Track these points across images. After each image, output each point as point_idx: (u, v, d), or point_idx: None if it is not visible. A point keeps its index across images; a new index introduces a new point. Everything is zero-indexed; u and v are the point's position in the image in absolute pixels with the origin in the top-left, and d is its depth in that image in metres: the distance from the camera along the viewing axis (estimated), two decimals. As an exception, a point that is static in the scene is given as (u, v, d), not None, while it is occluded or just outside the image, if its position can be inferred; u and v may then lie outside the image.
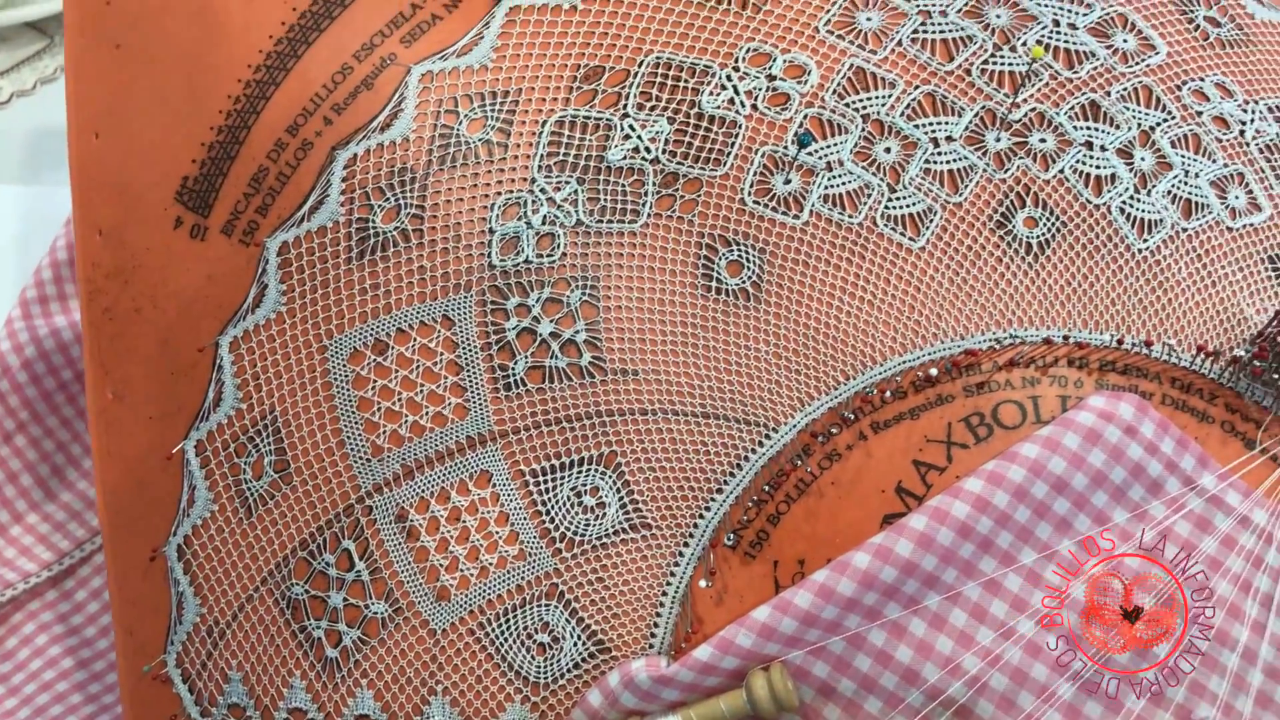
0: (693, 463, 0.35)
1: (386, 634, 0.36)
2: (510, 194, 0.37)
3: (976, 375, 0.35)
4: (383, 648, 0.36)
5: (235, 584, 0.38)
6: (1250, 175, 0.39)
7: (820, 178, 0.36)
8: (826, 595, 0.32)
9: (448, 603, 0.36)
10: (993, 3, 0.39)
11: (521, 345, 0.36)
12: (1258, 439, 0.35)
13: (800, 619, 0.32)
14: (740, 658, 0.32)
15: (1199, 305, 0.36)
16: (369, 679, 0.36)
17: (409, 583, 0.36)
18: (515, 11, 0.38)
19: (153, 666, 0.38)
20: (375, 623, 0.36)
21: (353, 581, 0.37)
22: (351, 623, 0.36)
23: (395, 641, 0.36)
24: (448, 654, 0.36)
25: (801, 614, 0.32)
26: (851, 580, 0.32)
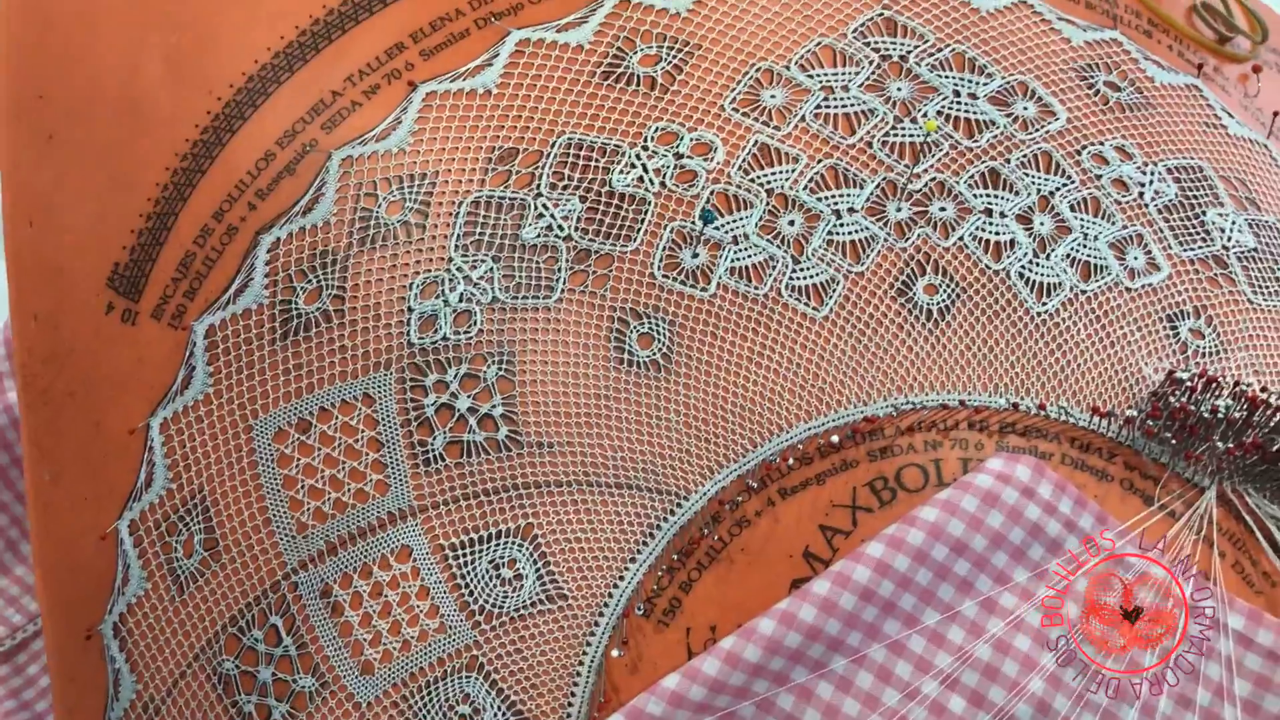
0: (607, 533, 0.36)
1: (314, 708, 0.37)
2: (428, 273, 0.38)
3: (880, 440, 0.36)
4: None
5: (169, 661, 0.38)
6: (1149, 236, 0.40)
7: (727, 251, 0.37)
8: (733, 662, 0.33)
9: (372, 676, 0.36)
10: (894, 76, 0.40)
11: (440, 421, 0.37)
12: (1156, 495, 0.36)
13: (708, 686, 0.33)
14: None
15: (1098, 365, 0.37)
16: (297, 753, 0.37)
17: (334, 657, 0.37)
18: (431, 97, 0.39)
19: (90, 745, 0.39)
20: (303, 696, 0.37)
21: (281, 657, 0.37)
22: (280, 697, 0.37)
23: (323, 715, 0.37)
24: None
25: (709, 680, 0.33)
26: (757, 646, 0.33)
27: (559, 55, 0.40)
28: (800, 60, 0.40)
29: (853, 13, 0.41)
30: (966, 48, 0.41)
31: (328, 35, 0.41)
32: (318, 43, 0.41)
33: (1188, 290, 0.39)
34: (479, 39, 0.40)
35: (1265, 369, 0.39)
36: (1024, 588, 0.34)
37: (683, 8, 0.40)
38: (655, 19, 0.40)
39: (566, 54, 0.40)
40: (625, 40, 0.40)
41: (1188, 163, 0.42)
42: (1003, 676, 0.33)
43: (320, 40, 0.41)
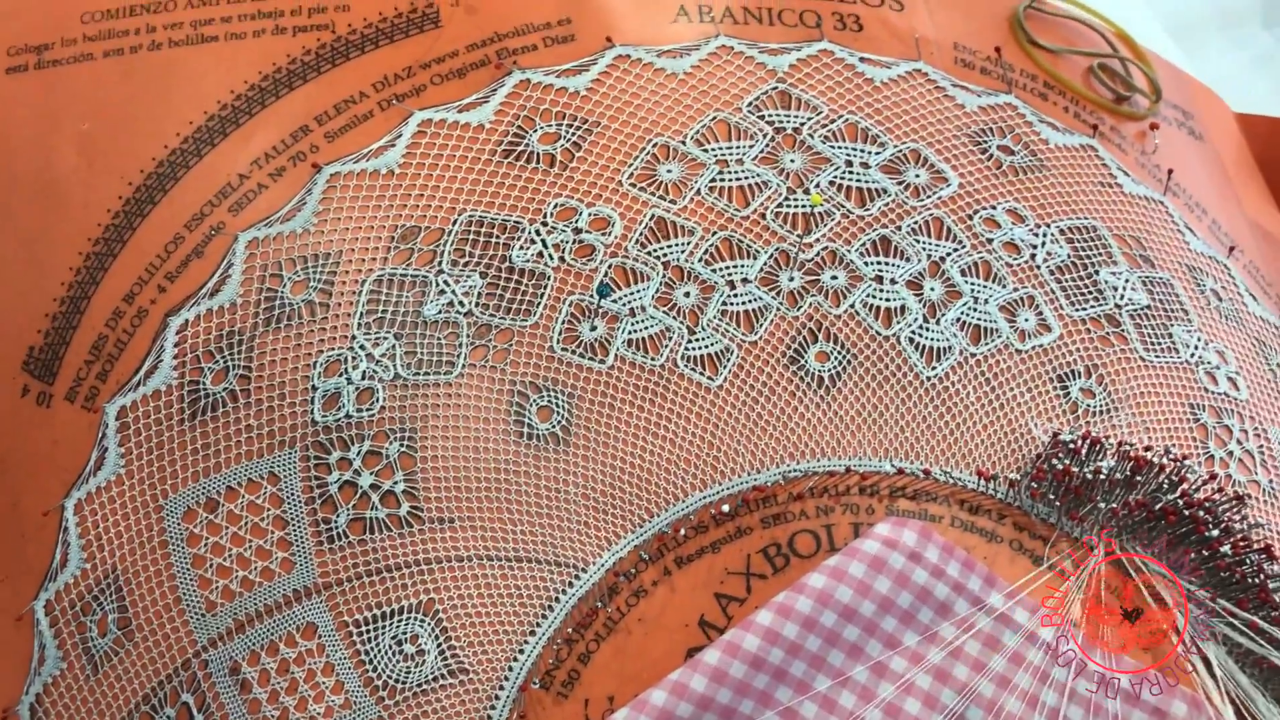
0: (507, 606, 0.36)
1: (224, 785, 0.37)
2: (332, 352, 0.38)
3: (773, 506, 0.36)
4: (221, 799, 0.37)
5: (84, 740, 0.38)
6: (1040, 297, 0.40)
7: (624, 323, 0.38)
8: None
9: (280, 753, 0.36)
10: (788, 148, 0.41)
11: (343, 498, 0.37)
12: (1045, 555, 0.36)
13: (601, 758, 0.33)
14: (547, 799, 0.33)
15: (988, 428, 0.38)
16: (208, 831, 0.37)
17: (244, 734, 0.37)
18: (336, 178, 0.40)
19: (8, 825, 0.39)
20: (213, 775, 0.37)
21: (191, 735, 0.37)
22: (191, 775, 0.37)
23: (232, 793, 0.37)
24: (281, 803, 0.36)
25: (602, 753, 0.33)
26: (649, 717, 0.33)
27: (460, 135, 0.41)
28: (696, 135, 0.41)
29: (748, 87, 0.42)
30: (859, 118, 0.42)
31: (235, 120, 0.41)
32: (225, 127, 0.41)
33: (1079, 350, 0.40)
34: (382, 120, 0.41)
35: (1156, 425, 0.40)
36: (914, 651, 0.35)
37: (581, 86, 0.41)
38: (555, 97, 0.41)
39: (468, 133, 0.41)
40: (525, 119, 0.41)
41: (1081, 223, 0.43)
42: (893, 740, 0.34)
43: (228, 125, 0.41)
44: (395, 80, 0.42)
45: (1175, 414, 0.40)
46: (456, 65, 0.42)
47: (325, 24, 0.43)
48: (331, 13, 0.43)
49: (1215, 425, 0.40)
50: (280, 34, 0.42)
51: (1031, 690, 0.34)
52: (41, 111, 0.41)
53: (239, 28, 0.43)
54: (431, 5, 0.43)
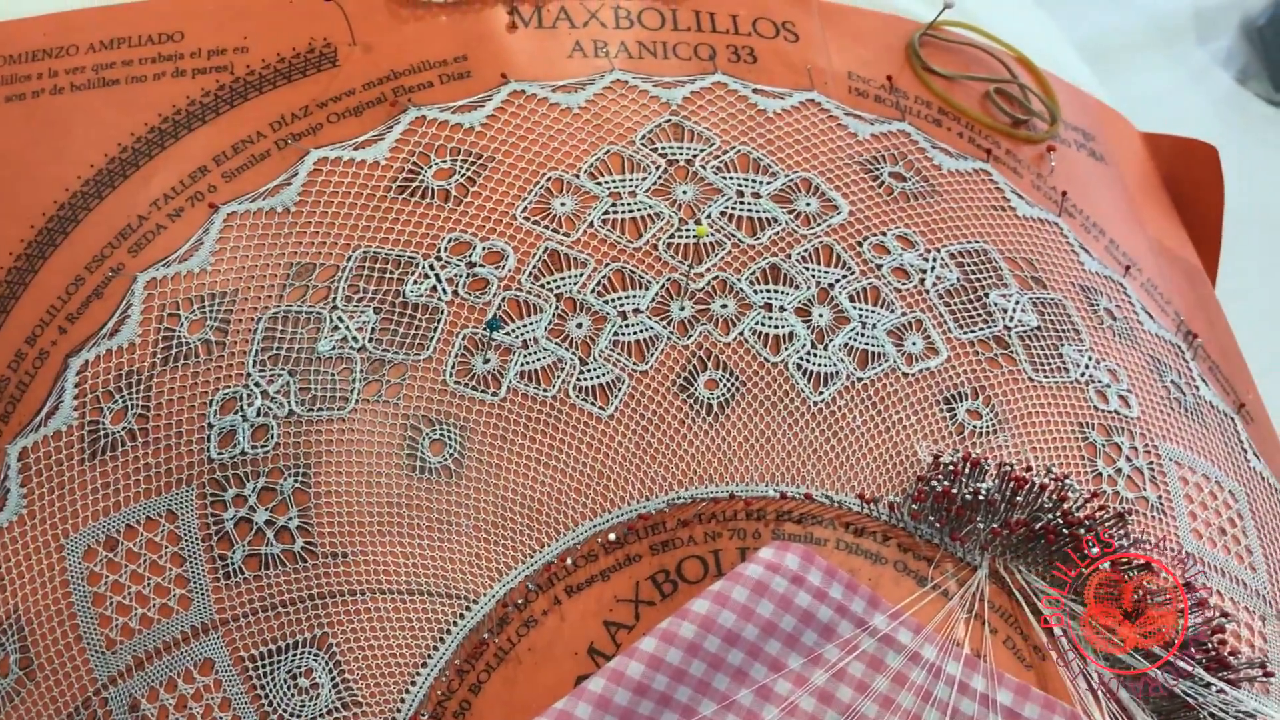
0: (399, 639, 0.36)
1: (124, 823, 0.37)
2: (227, 390, 0.39)
3: (661, 534, 0.37)
4: (121, 837, 0.37)
5: (-11, 781, 0.38)
6: (928, 321, 0.41)
7: (517, 355, 0.38)
8: (511, 763, 0.33)
9: (178, 789, 0.36)
10: (680, 180, 0.41)
11: (239, 534, 0.37)
12: (929, 576, 0.37)
13: (487, 788, 0.33)
14: (434, 829, 0.33)
15: (873, 450, 0.38)
16: None
17: (143, 771, 0.37)
18: (232, 217, 0.41)
19: None
20: (113, 813, 0.37)
21: (92, 773, 0.37)
22: (92, 814, 0.37)
23: (131, 830, 0.37)
24: (180, 840, 0.36)
25: (488, 783, 0.33)
26: (534, 746, 0.33)
27: (356, 172, 0.41)
28: (589, 168, 0.41)
29: (642, 120, 0.43)
30: (752, 149, 0.43)
31: (135, 162, 0.42)
32: (126, 169, 0.42)
33: (966, 372, 0.40)
34: (279, 159, 0.41)
35: (1044, 444, 0.40)
36: (798, 674, 0.35)
37: (476, 122, 0.42)
38: (450, 133, 0.42)
39: (363, 170, 0.41)
40: (420, 155, 0.41)
41: (972, 246, 0.43)
42: (777, 763, 0.34)
43: (128, 167, 0.42)
44: (292, 119, 0.42)
45: (1064, 433, 0.40)
46: (353, 104, 0.42)
47: (224, 65, 0.43)
48: (231, 54, 0.43)
49: (1104, 443, 0.41)
50: (180, 76, 0.43)
51: (914, 710, 0.35)
52: (-57, 157, 0.42)
53: (140, 70, 0.43)
54: (329, 45, 0.43)
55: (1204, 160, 0.55)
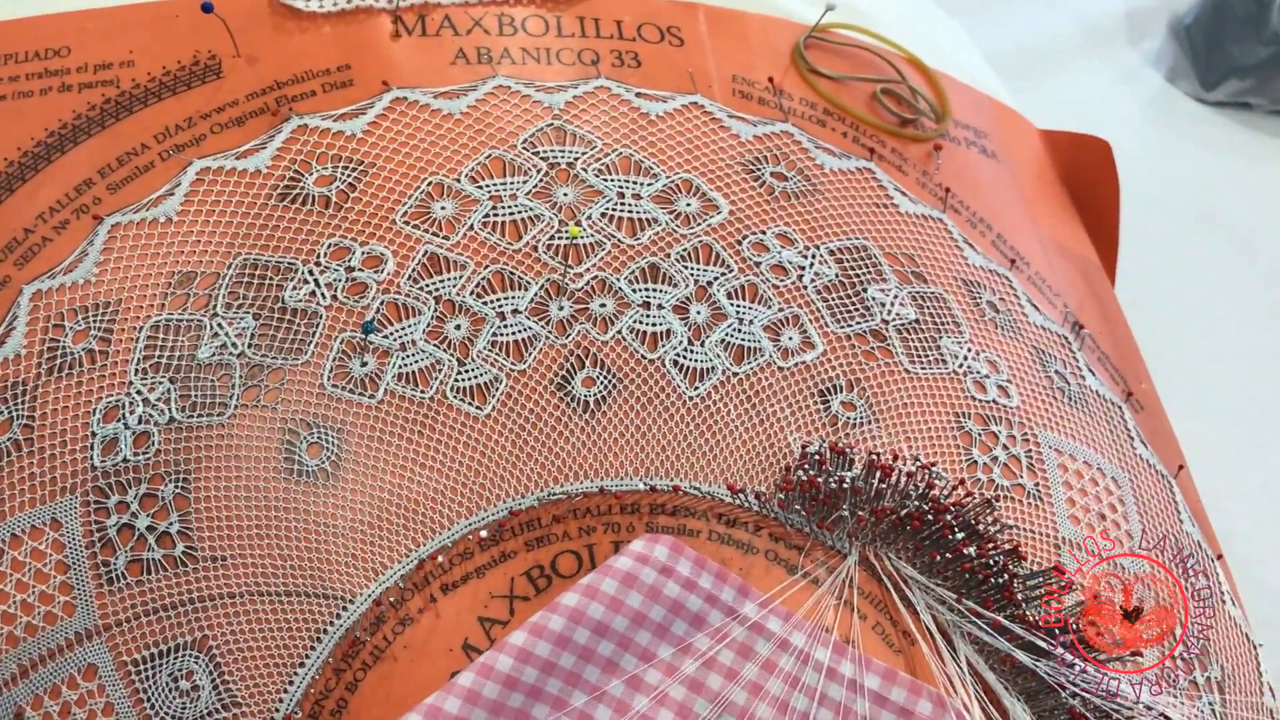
0: (277, 640, 0.36)
1: (9, 831, 0.37)
2: (110, 398, 0.39)
3: (536, 530, 0.37)
4: (6, 845, 0.37)
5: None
6: (805, 316, 0.41)
7: (395, 358, 0.39)
8: (381, 758, 0.34)
9: (62, 795, 0.37)
10: (561, 183, 0.42)
11: (121, 540, 0.38)
12: (800, 564, 0.37)
13: (358, 783, 0.33)
14: (307, 826, 0.34)
15: (748, 443, 0.39)
16: None
17: (28, 778, 0.37)
18: (116, 228, 0.41)
19: None
20: (-1, 821, 0.37)
21: (-22, 782, 0.37)
22: (-22, 823, 0.37)
23: (17, 838, 0.37)
24: (64, 845, 0.36)
25: (358, 778, 0.33)
26: (404, 741, 0.34)
27: (238, 181, 0.41)
28: (470, 172, 0.42)
29: (524, 124, 0.43)
30: (633, 151, 0.43)
31: (21, 176, 0.42)
32: (12, 184, 0.42)
33: (842, 365, 0.41)
34: (163, 170, 0.42)
35: (919, 434, 0.41)
36: (668, 663, 0.35)
37: (358, 129, 0.42)
38: (331, 141, 0.42)
39: (245, 179, 0.41)
40: (302, 163, 0.42)
41: (852, 243, 0.44)
42: (646, 752, 0.34)
43: (14, 181, 0.42)
44: (176, 131, 0.42)
45: (940, 422, 0.41)
46: (236, 114, 0.43)
47: (110, 80, 0.43)
48: (117, 69, 0.44)
49: (981, 432, 0.41)
50: (66, 91, 0.43)
51: (783, 697, 0.35)
52: None
53: (26, 86, 0.43)
54: (214, 57, 0.44)
55: (1099, 155, 0.56)
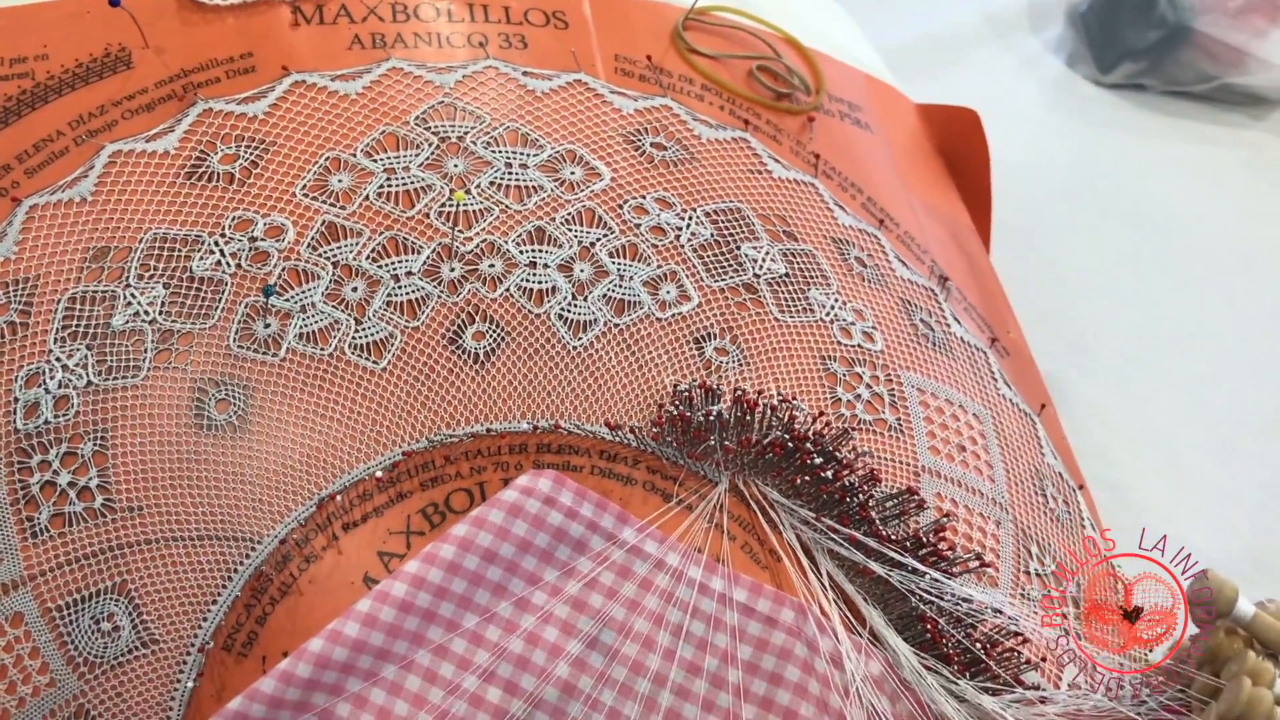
0: (191, 580, 0.39)
1: (-56, 772, 0.39)
2: (31, 365, 0.41)
3: (430, 471, 0.40)
4: (-58, 785, 0.39)
5: None
6: (682, 272, 0.45)
7: (295, 319, 0.42)
8: (287, 679, 0.36)
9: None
10: (452, 155, 0.45)
11: (44, 496, 0.40)
12: (675, 493, 0.40)
13: (266, 703, 0.36)
14: (219, 746, 0.36)
15: (628, 387, 0.42)
16: (-68, 815, 0.39)
17: (-39, 722, 0.39)
18: (34, 209, 0.43)
19: None
20: (-66, 763, 0.39)
21: (-86, 728, 0.40)
22: (-85, 766, 0.40)
23: (-48, 777, 0.39)
24: (-3, 781, 0.39)
25: (266, 698, 0.36)
26: (308, 663, 0.36)
27: (148, 161, 0.44)
28: (365, 148, 0.45)
29: (416, 102, 0.46)
30: (520, 125, 0.46)
31: (-59, 163, 0.44)
32: (-65, 168, 0.44)
33: (716, 315, 0.44)
34: (77, 155, 0.44)
35: (786, 375, 0.44)
36: (553, 585, 0.38)
37: (259, 111, 0.45)
38: (235, 123, 0.45)
39: (154, 160, 0.44)
40: (207, 143, 0.44)
41: (726, 206, 0.47)
42: (533, 665, 0.37)
43: (-65, 168, 0.44)
44: (90, 118, 0.45)
45: (806, 364, 0.44)
46: (146, 100, 0.45)
47: (26, 72, 0.46)
48: (31, 62, 0.46)
49: (845, 373, 0.45)
50: (-16, 83, 0.46)
51: (659, 611, 0.38)
52: None
53: (-54, 80, 0.46)
54: (124, 49, 0.46)
55: (969, 125, 0.60)
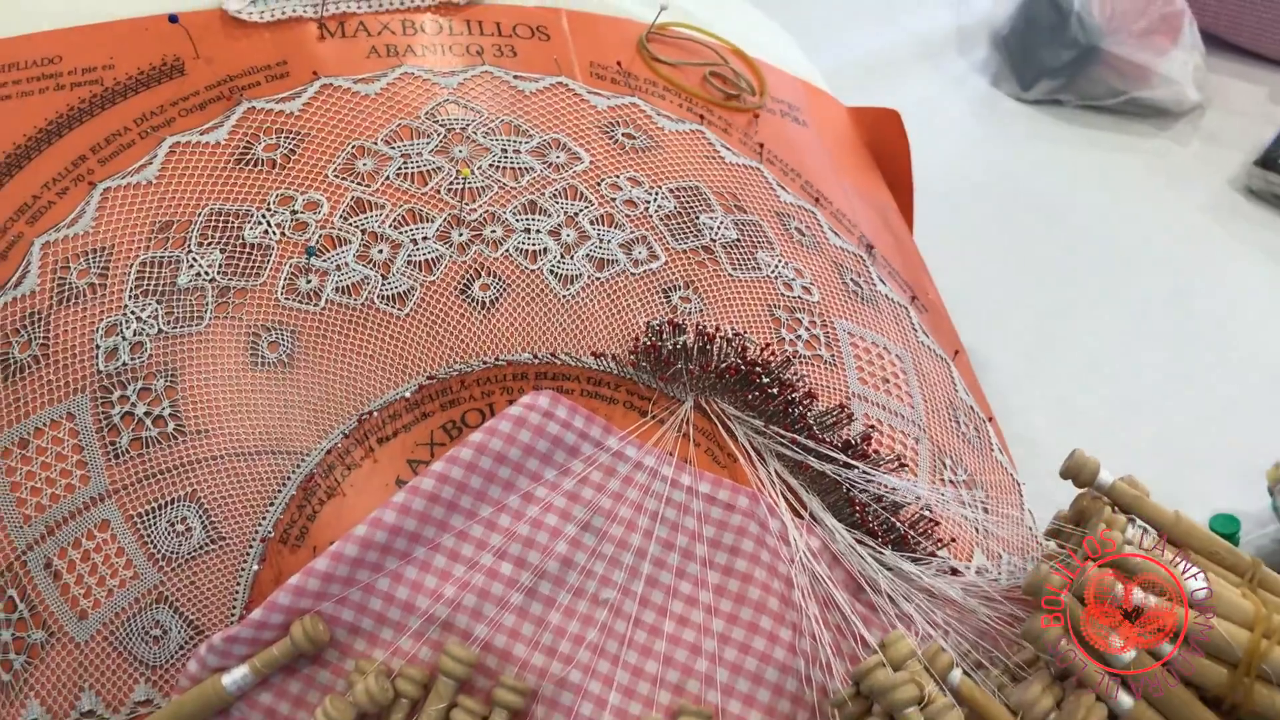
0: (252, 488, 0.47)
1: (45, 654, 0.47)
2: (110, 318, 0.50)
3: (449, 395, 0.48)
4: (43, 665, 0.47)
5: (-67, 643, 0.48)
6: (651, 237, 0.54)
7: (332, 276, 0.50)
8: (337, 558, 0.44)
9: (87, 620, 0.47)
10: (457, 142, 0.54)
11: (124, 424, 0.48)
12: (649, 410, 0.49)
13: (320, 578, 0.44)
14: (283, 613, 0.44)
15: (609, 328, 0.51)
16: (34, 691, 0.47)
17: (59, 612, 0.47)
18: (108, 192, 0.52)
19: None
20: (36, 647, 0.47)
21: (17, 620, 0.47)
22: (18, 651, 0.47)
23: (51, 658, 0.47)
24: (90, 659, 0.47)
25: (320, 574, 0.44)
26: (354, 545, 0.45)
27: (202, 150, 0.53)
28: (385, 137, 0.54)
29: (424, 100, 0.55)
30: (513, 118, 0.55)
31: (28, 155, 0.53)
32: (20, 161, 0.53)
33: (680, 271, 0.53)
34: (142, 146, 0.53)
35: (739, 319, 0.53)
36: (552, 482, 0.47)
37: (295, 109, 0.54)
38: (274, 118, 0.54)
39: (208, 149, 0.53)
40: (252, 135, 0.53)
41: (686, 184, 0.56)
42: (537, 544, 0.46)
43: (23, 159, 0.53)
44: (151, 116, 0.54)
45: (756, 311, 0.53)
46: (198, 101, 0.54)
47: (96, 80, 0.54)
48: (100, 71, 0.55)
49: (787, 318, 0.54)
50: (61, 89, 0.54)
51: (639, 500, 0.47)
52: None
53: (28, 87, 0.54)
54: (178, 59, 0.55)
55: (892, 124, 0.70)
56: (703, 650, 0.45)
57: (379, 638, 0.45)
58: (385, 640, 0.44)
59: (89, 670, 0.46)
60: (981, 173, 1.10)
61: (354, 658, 0.44)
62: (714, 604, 0.45)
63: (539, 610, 0.45)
